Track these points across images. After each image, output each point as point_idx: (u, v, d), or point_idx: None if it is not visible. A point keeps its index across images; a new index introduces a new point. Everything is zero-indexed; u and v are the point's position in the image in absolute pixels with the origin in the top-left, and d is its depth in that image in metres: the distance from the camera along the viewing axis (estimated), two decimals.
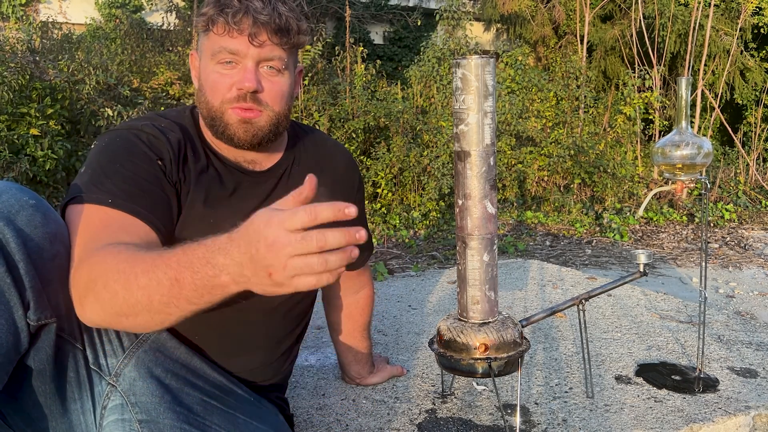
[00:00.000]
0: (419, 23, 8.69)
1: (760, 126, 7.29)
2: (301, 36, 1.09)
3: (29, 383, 0.90)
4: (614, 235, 4.55)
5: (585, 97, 5.93)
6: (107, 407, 0.95)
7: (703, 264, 1.61)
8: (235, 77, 1.05)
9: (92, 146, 1.08)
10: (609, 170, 5.32)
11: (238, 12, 1.02)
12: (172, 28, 6.15)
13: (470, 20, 6.56)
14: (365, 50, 5.51)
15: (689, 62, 6.13)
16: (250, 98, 1.06)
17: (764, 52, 8.53)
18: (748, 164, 6.59)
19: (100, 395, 0.96)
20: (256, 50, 1.04)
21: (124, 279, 0.81)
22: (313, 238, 0.68)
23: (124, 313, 0.83)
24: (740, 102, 8.42)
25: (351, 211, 0.70)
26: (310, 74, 5.08)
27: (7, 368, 0.84)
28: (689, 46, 6.13)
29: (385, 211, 4.70)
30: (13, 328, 0.83)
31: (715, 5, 7.08)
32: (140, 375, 0.97)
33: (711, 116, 6.83)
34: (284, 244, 0.68)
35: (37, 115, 3.57)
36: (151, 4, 8.18)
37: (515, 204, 5.26)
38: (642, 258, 1.49)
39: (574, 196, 5.50)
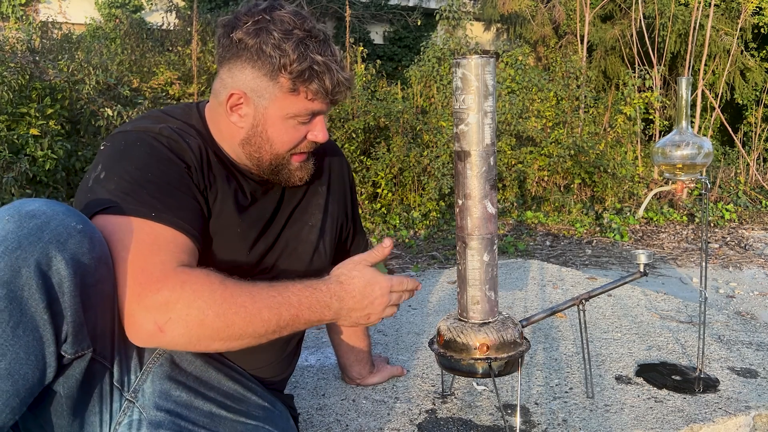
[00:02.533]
0: (419, 23, 8.70)
1: (761, 126, 7.29)
2: None
3: (51, 405, 0.88)
4: (614, 235, 4.55)
5: (585, 97, 5.93)
6: (122, 423, 0.96)
7: (704, 264, 1.61)
8: (308, 128, 1.08)
9: (103, 147, 1.03)
10: (609, 170, 5.32)
11: (338, 86, 1.04)
12: (172, 28, 6.15)
13: (470, 20, 6.57)
14: (365, 50, 5.51)
15: (689, 62, 6.13)
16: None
17: (764, 52, 8.53)
18: (748, 164, 6.59)
19: (116, 411, 0.96)
20: (330, 106, 1.09)
21: (246, 313, 0.91)
22: (397, 299, 1.07)
23: (227, 339, 0.91)
24: (740, 102, 8.43)
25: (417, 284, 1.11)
26: None
27: (27, 401, 0.81)
28: (689, 46, 6.13)
29: (385, 211, 4.70)
30: (41, 364, 0.80)
31: (715, 5, 7.08)
32: (154, 390, 0.97)
33: (711, 116, 6.83)
34: (387, 302, 1.04)
35: (37, 115, 3.56)
36: (151, 4, 8.19)
37: (515, 204, 5.26)
38: (642, 258, 1.49)
39: (574, 196, 5.50)
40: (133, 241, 0.91)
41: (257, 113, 1.05)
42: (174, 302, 0.87)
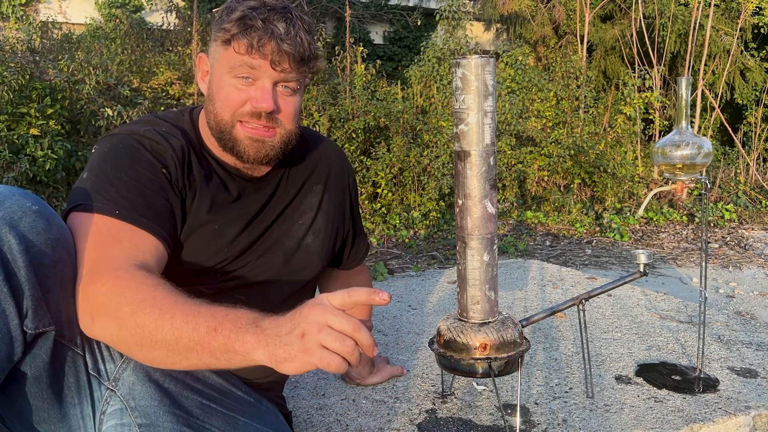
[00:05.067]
0: (419, 23, 8.69)
1: (760, 126, 7.29)
2: (320, 62, 1.10)
3: (25, 389, 0.90)
4: (614, 235, 4.55)
5: (585, 97, 5.93)
6: (106, 412, 0.95)
7: (703, 264, 1.61)
8: (251, 94, 1.05)
9: (93, 150, 1.08)
10: (609, 170, 5.32)
11: (263, 37, 1.01)
12: (172, 28, 6.15)
13: (470, 20, 6.57)
14: (365, 50, 5.51)
15: (689, 62, 6.13)
16: (265, 117, 1.06)
17: (764, 52, 8.53)
18: (748, 164, 6.59)
19: (99, 400, 0.96)
20: (275, 73, 1.04)
21: (158, 315, 0.83)
22: (352, 320, 0.76)
23: (141, 344, 0.85)
24: (740, 102, 8.42)
25: (384, 297, 0.79)
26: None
27: None
28: (689, 46, 6.13)
29: (385, 211, 4.70)
30: (7, 338, 0.82)
31: (715, 5, 7.08)
32: (139, 379, 0.96)
33: (711, 116, 6.83)
34: (325, 310, 0.77)
35: (37, 115, 3.57)
36: (151, 4, 8.19)
37: (515, 204, 5.26)
38: (642, 258, 1.49)
39: (574, 196, 5.50)
40: (93, 235, 0.94)
41: (210, 75, 1.10)
42: (102, 295, 0.87)
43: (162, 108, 4.35)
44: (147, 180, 1.02)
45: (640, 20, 6.60)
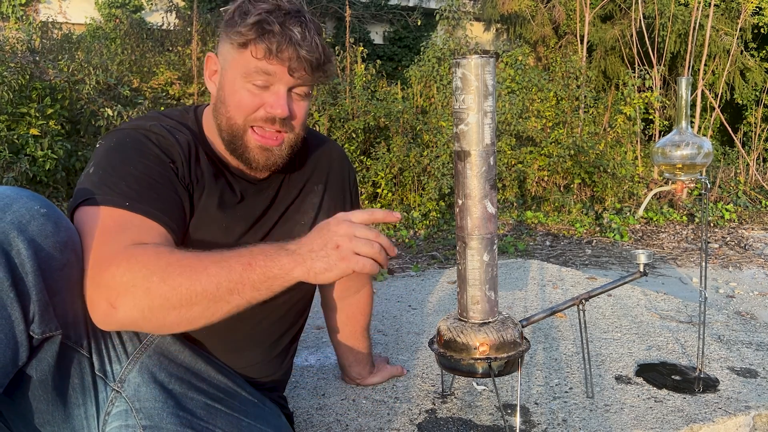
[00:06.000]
0: (419, 23, 8.70)
1: (760, 126, 7.29)
2: (332, 66, 1.10)
3: (30, 392, 0.90)
4: (614, 235, 4.55)
5: (585, 97, 5.93)
6: (111, 413, 0.95)
7: (703, 264, 1.61)
8: (265, 99, 1.05)
9: (98, 145, 1.07)
10: (609, 170, 5.32)
11: (282, 43, 1.01)
12: (172, 28, 6.15)
13: (470, 20, 6.57)
14: (365, 50, 5.51)
15: (689, 62, 6.13)
16: (279, 122, 1.07)
17: (764, 52, 8.53)
18: (748, 164, 6.59)
19: (104, 401, 0.96)
20: (291, 79, 1.05)
21: (191, 271, 0.87)
22: (373, 229, 0.89)
23: (179, 306, 0.86)
24: (740, 102, 8.42)
25: (396, 216, 0.94)
26: None
27: (3, 382, 0.83)
28: (689, 46, 6.13)
29: None
30: (12, 343, 0.82)
31: (715, 5, 7.08)
32: (144, 380, 0.96)
33: (711, 116, 6.83)
34: (351, 225, 0.89)
35: (37, 115, 3.57)
36: (151, 4, 8.19)
37: (515, 204, 5.25)
38: (642, 258, 1.49)
39: (574, 196, 5.50)
40: (102, 227, 0.93)
41: (222, 77, 1.08)
42: (120, 276, 0.87)
43: (162, 108, 4.35)
44: (156, 173, 1.02)
45: (640, 20, 6.60)
